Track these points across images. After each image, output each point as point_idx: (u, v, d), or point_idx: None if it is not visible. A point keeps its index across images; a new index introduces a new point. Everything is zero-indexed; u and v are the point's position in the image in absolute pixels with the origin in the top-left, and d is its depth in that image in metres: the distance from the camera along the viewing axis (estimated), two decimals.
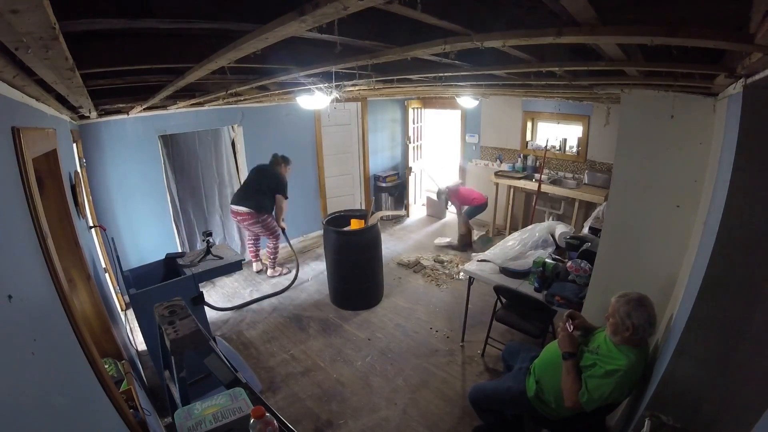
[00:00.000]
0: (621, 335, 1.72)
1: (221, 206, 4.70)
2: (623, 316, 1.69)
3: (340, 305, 3.99)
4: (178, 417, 1.26)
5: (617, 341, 1.75)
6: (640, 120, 2.05)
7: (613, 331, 1.75)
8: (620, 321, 1.70)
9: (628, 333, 1.69)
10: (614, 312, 1.74)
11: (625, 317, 1.68)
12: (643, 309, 1.67)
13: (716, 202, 1.43)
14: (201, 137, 4.37)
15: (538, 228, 3.39)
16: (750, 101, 1.22)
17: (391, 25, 1.27)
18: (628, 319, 1.67)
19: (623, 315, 1.69)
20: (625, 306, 1.70)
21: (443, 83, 2.62)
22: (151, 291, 2.46)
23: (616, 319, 1.72)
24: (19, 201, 1.01)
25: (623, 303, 1.71)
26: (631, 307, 1.68)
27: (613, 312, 1.75)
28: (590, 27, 0.94)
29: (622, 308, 1.70)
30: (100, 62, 1.28)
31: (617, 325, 1.72)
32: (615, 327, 1.73)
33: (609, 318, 1.78)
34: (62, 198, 1.90)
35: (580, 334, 2.00)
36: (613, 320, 1.74)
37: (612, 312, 1.75)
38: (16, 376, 0.71)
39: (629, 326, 1.67)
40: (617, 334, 1.74)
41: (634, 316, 1.66)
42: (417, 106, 6.50)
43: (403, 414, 2.66)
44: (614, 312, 1.74)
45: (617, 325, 1.72)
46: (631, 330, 1.67)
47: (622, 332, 1.71)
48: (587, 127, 4.74)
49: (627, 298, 1.72)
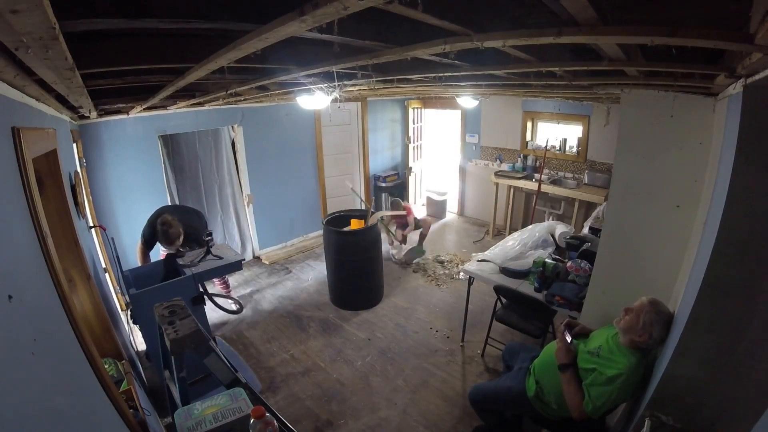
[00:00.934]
0: (632, 337, 1.69)
1: (221, 206, 4.70)
2: (647, 322, 1.65)
3: (340, 305, 3.98)
4: (178, 417, 1.26)
5: (624, 341, 1.73)
6: (640, 120, 2.05)
7: (627, 329, 1.71)
8: (642, 324, 1.66)
9: (639, 338, 1.66)
10: (639, 311, 1.68)
11: (648, 324, 1.65)
12: (666, 328, 1.64)
13: (716, 202, 1.43)
14: (201, 137, 4.37)
15: (538, 228, 3.39)
16: (750, 101, 1.22)
17: (391, 25, 1.27)
18: (650, 327, 1.64)
19: (648, 321, 1.65)
20: (654, 315, 1.65)
21: (443, 83, 2.62)
22: (151, 291, 2.46)
23: (636, 320, 1.68)
24: (19, 201, 1.01)
25: (654, 311, 1.66)
26: (659, 318, 1.64)
27: (638, 311, 1.69)
28: (590, 27, 0.94)
29: (651, 315, 1.65)
30: (100, 62, 1.28)
31: (634, 324, 1.68)
32: (631, 325, 1.69)
33: (627, 313, 1.73)
34: (62, 198, 1.90)
35: (579, 343, 1.97)
36: (632, 318, 1.70)
37: (637, 310, 1.70)
38: (16, 376, 0.71)
39: (646, 334, 1.65)
40: (628, 334, 1.70)
41: (656, 328, 1.64)
42: (417, 106, 6.50)
43: (403, 414, 2.66)
44: (639, 311, 1.68)
45: (634, 324, 1.68)
46: (646, 338, 1.65)
47: (634, 334, 1.68)
48: (587, 127, 4.74)
49: (660, 309, 1.67)
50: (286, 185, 5.17)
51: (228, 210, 4.74)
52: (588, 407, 1.72)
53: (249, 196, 4.86)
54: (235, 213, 4.81)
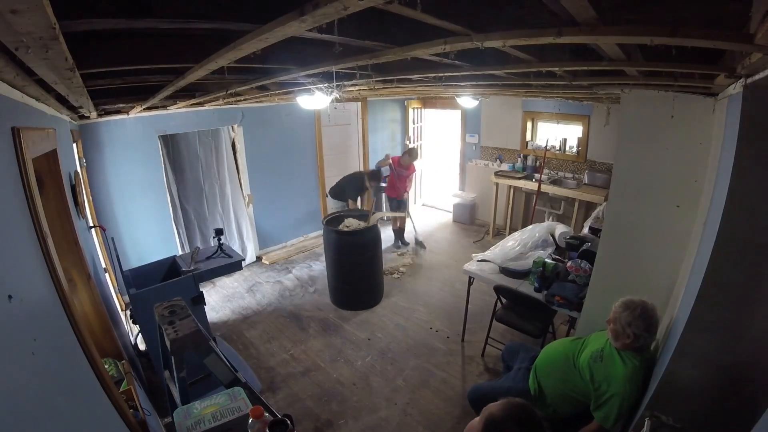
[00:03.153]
0: (622, 342, 1.72)
1: (222, 206, 4.70)
2: (624, 324, 1.68)
3: (340, 305, 3.98)
4: (177, 416, 1.26)
5: (619, 347, 1.74)
6: (640, 120, 2.05)
7: (615, 337, 1.75)
8: (621, 329, 1.70)
9: (628, 340, 1.69)
10: (615, 318, 1.73)
11: (625, 326, 1.68)
12: (644, 318, 1.66)
13: (716, 202, 1.43)
14: (201, 137, 4.37)
15: (538, 228, 3.39)
16: (750, 101, 1.21)
17: (391, 25, 1.27)
18: (629, 328, 1.67)
19: (624, 323, 1.68)
20: (626, 314, 1.68)
21: (443, 83, 2.62)
22: (151, 291, 2.46)
23: (616, 326, 1.72)
24: (19, 201, 1.01)
25: (624, 310, 1.70)
26: (632, 315, 1.67)
27: (614, 318, 1.74)
28: (590, 27, 0.94)
29: (623, 316, 1.69)
30: (100, 62, 1.28)
31: (617, 332, 1.72)
32: (615, 333, 1.73)
33: (610, 323, 1.77)
34: (62, 198, 1.90)
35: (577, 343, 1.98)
36: (613, 326, 1.74)
37: (613, 318, 1.75)
38: (16, 376, 0.71)
39: (630, 334, 1.67)
40: (618, 340, 1.73)
41: (634, 325, 1.66)
42: (417, 106, 6.50)
43: (403, 414, 2.66)
44: (615, 318, 1.73)
45: (617, 332, 1.72)
46: (632, 338, 1.67)
47: (622, 339, 1.71)
48: (587, 127, 4.74)
49: (628, 305, 1.70)
50: (286, 185, 5.17)
51: (228, 210, 4.74)
52: (607, 424, 1.71)
53: (249, 196, 4.87)
54: (235, 213, 4.81)
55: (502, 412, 1.01)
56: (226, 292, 4.34)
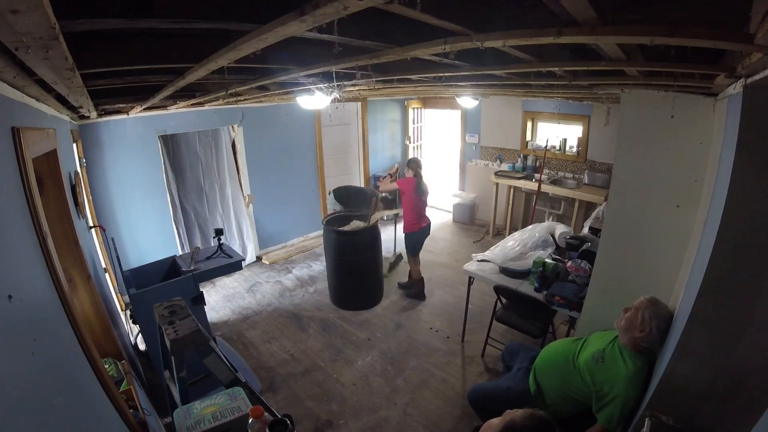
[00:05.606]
0: (632, 334, 1.70)
1: (222, 206, 4.70)
2: (646, 317, 1.67)
3: (340, 305, 3.98)
4: (177, 416, 1.26)
5: (625, 340, 1.73)
6: (640, 120, 2.05)
7: (626, 327, 1.73)
8: (641, 319, 1.68)
9: (640, 333, 1.67)
10: (638, 308, 1.71)
11: (647, 319, 1.66)
12: (666, 321, 1.65)
13: (716, 202, 1.42)
14: (201, 137, 4.37)
15: (538, 228, 3.39)
16: (750, 101, 1.21)
17: (391, 25, 1.27)
18: (650, 322, 1.65)
19: (647, 316, 1.67)
20: (653, 308, 1.68)
21: (443, 83, 2.62)
22: (151, 291, 2.46)
23: (636, 315, 1.70)
24: (19, 201, 1.01)
25: (652, 305, 1.69)
26: (658, 313, 1.66)
27: (637, 307, 1.72)
28: (590, 27, 0.94)
29: (650, 310, 1.68)
30: (100, 62, 1.28)
31: (634, 320, 1.70)
32: (630, 322, 1.71)
33: (627, 311, 1.75)
34: (62, 198, 1.90)
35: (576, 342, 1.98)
36: (631, 315, 1.72)
37: (636, 307, 1.72)
38: (16, 376, 0.71)
39: (646, 329, 1.66)
40: (629, 331, 1.71)
41: (656, 321, 1.65)
42: (417, 106, 6.50)
43: (403, 414, 2.66)
44: (638, 308, 1.71)
45: (634, 320, 1.70)
46: (646, 333, 1.66)
47: (635, 330, 1.69)
48: (587, 127, 4.74)
49: (658, 302, 1.70)
50: (286, 185, 5.17)
51: (228, 210, 4.74)
52: (610, 426, 1.71)
53: (249, 196, 4.87)
54: (235, 213, 4.81)
55: (522, 422, 1.01)
56: (226, 292, 4.34)
